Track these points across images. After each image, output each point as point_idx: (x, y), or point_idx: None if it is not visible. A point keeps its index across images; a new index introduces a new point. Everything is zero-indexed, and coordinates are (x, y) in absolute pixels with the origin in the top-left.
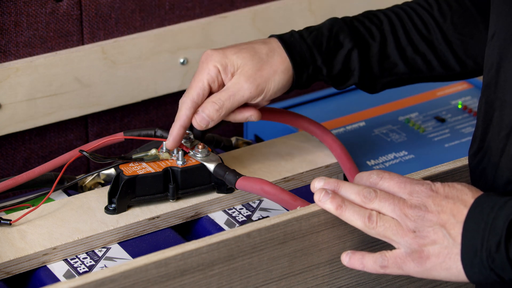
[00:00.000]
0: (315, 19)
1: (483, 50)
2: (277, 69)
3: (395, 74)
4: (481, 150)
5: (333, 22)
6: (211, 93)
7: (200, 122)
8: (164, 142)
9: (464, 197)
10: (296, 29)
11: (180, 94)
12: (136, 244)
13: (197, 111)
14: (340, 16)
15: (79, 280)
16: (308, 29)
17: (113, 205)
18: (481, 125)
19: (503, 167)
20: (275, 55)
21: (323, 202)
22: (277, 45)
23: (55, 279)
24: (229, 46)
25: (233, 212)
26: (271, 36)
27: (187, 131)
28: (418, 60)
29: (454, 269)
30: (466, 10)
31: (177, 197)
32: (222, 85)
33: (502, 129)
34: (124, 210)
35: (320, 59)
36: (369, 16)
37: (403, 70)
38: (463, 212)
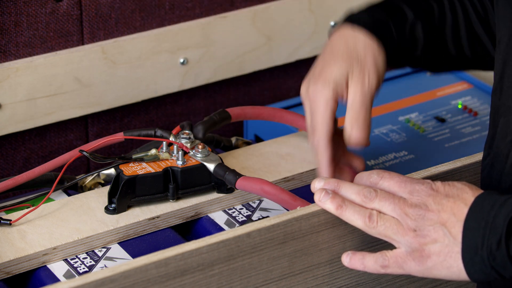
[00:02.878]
0: (315, 19)
1: None
2: (377, 59)
3: (459, 50)
4: (489, 156)
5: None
6: None
7: (354, 143)
8: (164, 142)
9: (464, 195)
10: (297, 28)
11: (180, 94)
12: (136, 244)
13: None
14: (340, 16)
15: (79, 280)
16: (372, 4)
17: (113, 205)
18: (490, 131)
19: (508, 172)
20: (368, 52)
21: (323, 202)
22: (363, 37)
23: (55, 279)
24: (320, 69)
25: (233, 212)
26: (350, 21)
27: (186, 131)
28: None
29: (455, 268)
30: None
31: (177, 197)
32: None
33: (508, 134)
34: (124, 210)
35: (394, 30)
36: None
37: (466, 50)
38: (463, 211)
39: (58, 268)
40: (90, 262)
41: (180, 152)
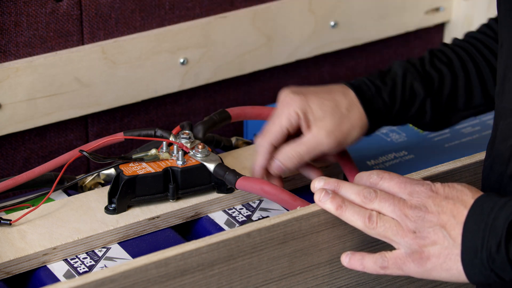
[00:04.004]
0: (315, 19)
1: None
2: (355, 125)
3: (472, 107)
4: (490, 158)
5: (406, 70)
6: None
7: (276, 169)
8: (164, 142)
9: (464, 197)
10: (297, 29)
11: (180, 94)
12: (136, 244)
13: (274, 157)
14: (340, 16)
15: (79, 280)
16: (382, 78)
17: (113, 205)
18: (492, 133)
19: (510, 176)
20: (354, 110)
21: (323, 202)
22: (355, 100)
23: (55, 279)
24: (310, 91)
25: (233, 212)
26: (347, 84)
27: (186, 131)
28: (492, 89)
29: (455, 270)
30: None
31: (177, 197)
32: (297, 129)
33: (509, 138)
34: (124, 210)
35: (394, 111)
36: (438, 58)
37: (479, 102)
38: (463, 213)
39: (58, 268)
40: (90, 262)
41: (180, 152)
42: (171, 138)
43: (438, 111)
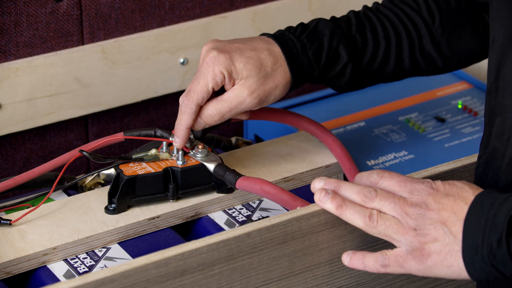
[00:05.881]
0: None
1: (468, 48)
2: (279, 84)
3: (382, 74)
4: (484, 155)
5: (333, 32)
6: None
7: (197, 126)
8: (164, 142)
9: (464, 194)
10: None
11: (180, 94)
12: (136, 244)
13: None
14: (340, 16)
15: (79, 280)
16: (309, 36)
17: (113, 205)
18: (486, 131)
19: (504, 171)
20: (278, 69)
21: (323, 202)
22: (281, 57)
23: (55, 279)
24: (234, 48)
25: (233, 212)
26: (273, 38)
27: None
28: (406, 61)
29: (456, 266)
30: (454, 10)
31: (177, 197)
32: (222, 87)
33: (504, 133)
34: (124, 210)
35: (317, 72)
36: (363, 23)
37: (390, 70)
38: (463, 209)
39: (58, 268)
40: (90, 262)
41: (180, 152)
42: (171, 138)
43: (355, 76)
